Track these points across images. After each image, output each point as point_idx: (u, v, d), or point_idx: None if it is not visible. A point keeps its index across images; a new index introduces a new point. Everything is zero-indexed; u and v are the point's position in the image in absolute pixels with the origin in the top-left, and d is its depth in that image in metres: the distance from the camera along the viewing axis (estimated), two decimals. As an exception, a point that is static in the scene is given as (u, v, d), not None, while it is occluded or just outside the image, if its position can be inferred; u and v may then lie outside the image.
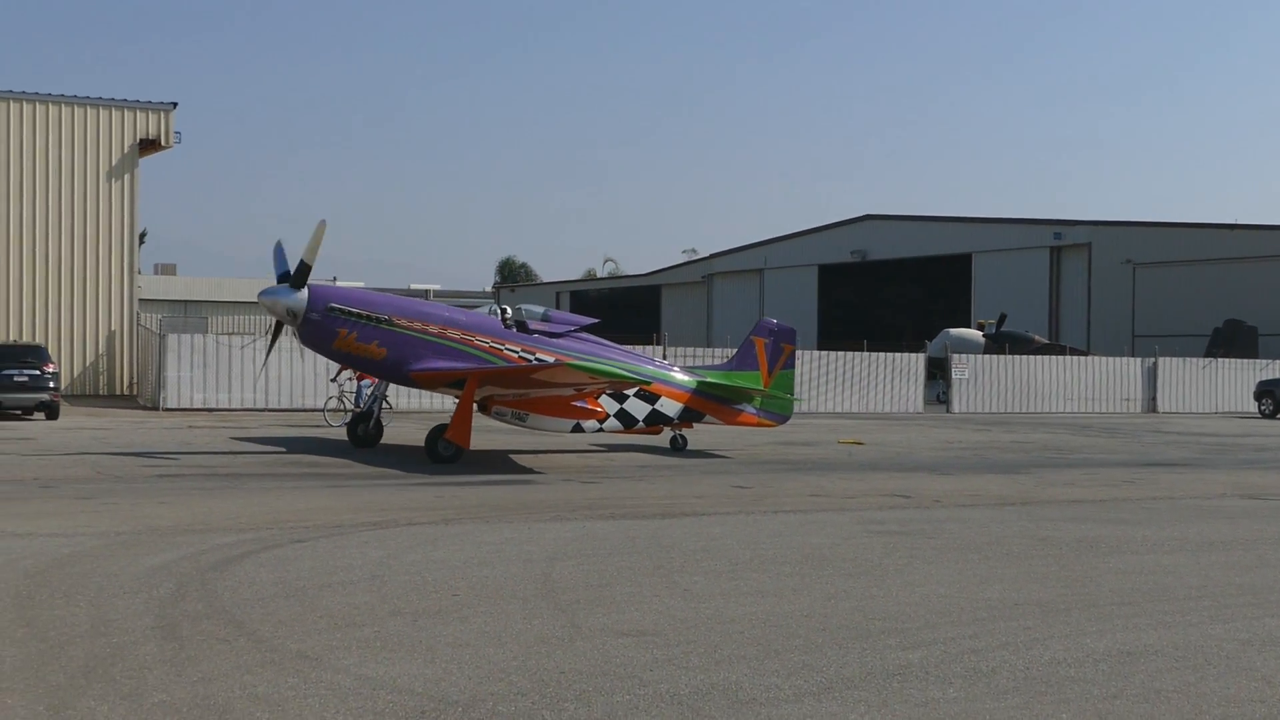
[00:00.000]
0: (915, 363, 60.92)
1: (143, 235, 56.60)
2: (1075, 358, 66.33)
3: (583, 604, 13.07)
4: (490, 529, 18.42)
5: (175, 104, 54.83)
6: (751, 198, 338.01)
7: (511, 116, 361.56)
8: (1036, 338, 74.87)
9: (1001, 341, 70.27)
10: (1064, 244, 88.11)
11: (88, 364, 53.64)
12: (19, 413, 41.37)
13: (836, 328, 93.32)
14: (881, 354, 60.63)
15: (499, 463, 29.55)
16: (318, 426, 39.23)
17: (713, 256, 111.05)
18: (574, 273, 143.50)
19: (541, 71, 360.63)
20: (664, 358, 57.17)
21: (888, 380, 60.09)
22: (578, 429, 30.84)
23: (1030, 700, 9.91)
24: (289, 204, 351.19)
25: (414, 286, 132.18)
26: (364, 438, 32.33)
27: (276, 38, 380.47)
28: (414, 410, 46.90)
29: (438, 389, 32.15)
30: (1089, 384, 64.54)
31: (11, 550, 15.46)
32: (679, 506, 21.84)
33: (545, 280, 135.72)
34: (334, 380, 40.52)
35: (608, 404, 31.41)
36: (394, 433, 35.55)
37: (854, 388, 59.47)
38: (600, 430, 31.54)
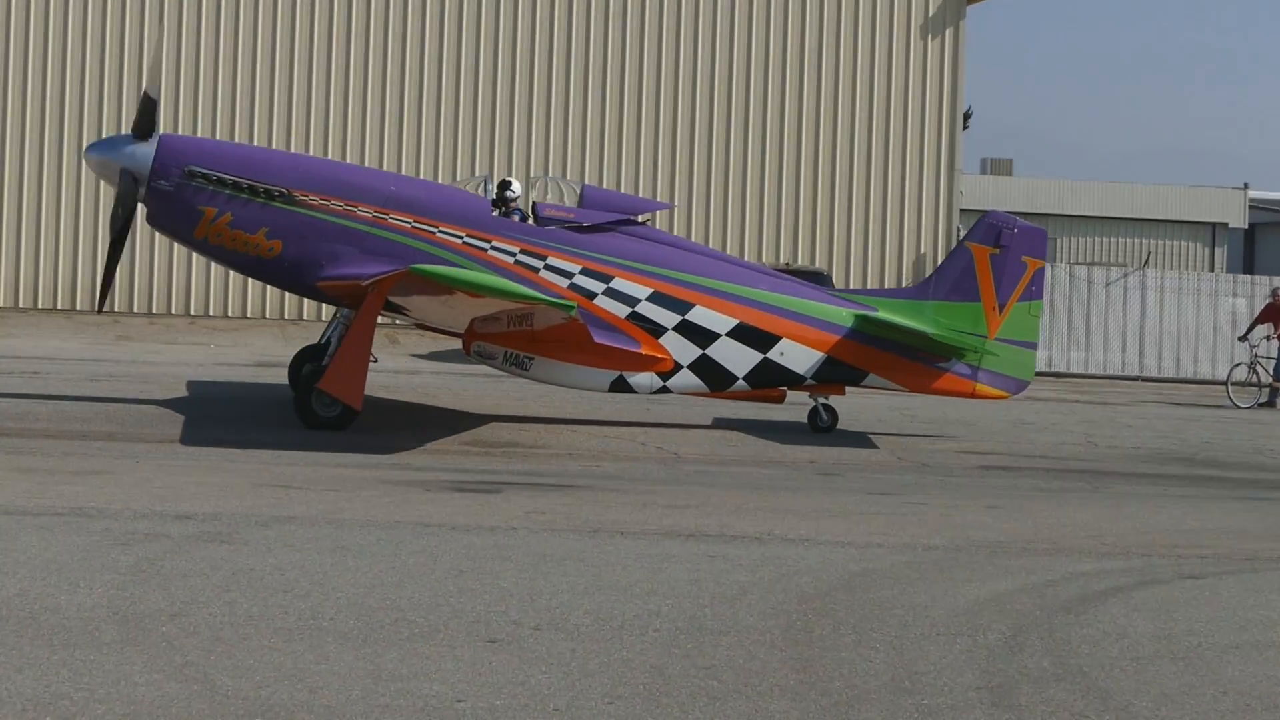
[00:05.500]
0: None
1: (967, 116, 45.30)
2: None
3: None
4: None
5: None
6: None
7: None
8: None
9: None
10: None
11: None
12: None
13: None
14: None
15: None
16: (1218, 406, 31.57)
17: None
18: None
19: None
20: None
21: None
22: (621, 385, 19.78)
23: None
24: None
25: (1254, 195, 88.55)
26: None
27: None
28: None
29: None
30: None
31: (785, 561, 12.33)
32: None
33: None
34: (1243, 339, 32.33)
35: (677, 346, 19.90)
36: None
37: None
38: (664, 389, 20.07)
